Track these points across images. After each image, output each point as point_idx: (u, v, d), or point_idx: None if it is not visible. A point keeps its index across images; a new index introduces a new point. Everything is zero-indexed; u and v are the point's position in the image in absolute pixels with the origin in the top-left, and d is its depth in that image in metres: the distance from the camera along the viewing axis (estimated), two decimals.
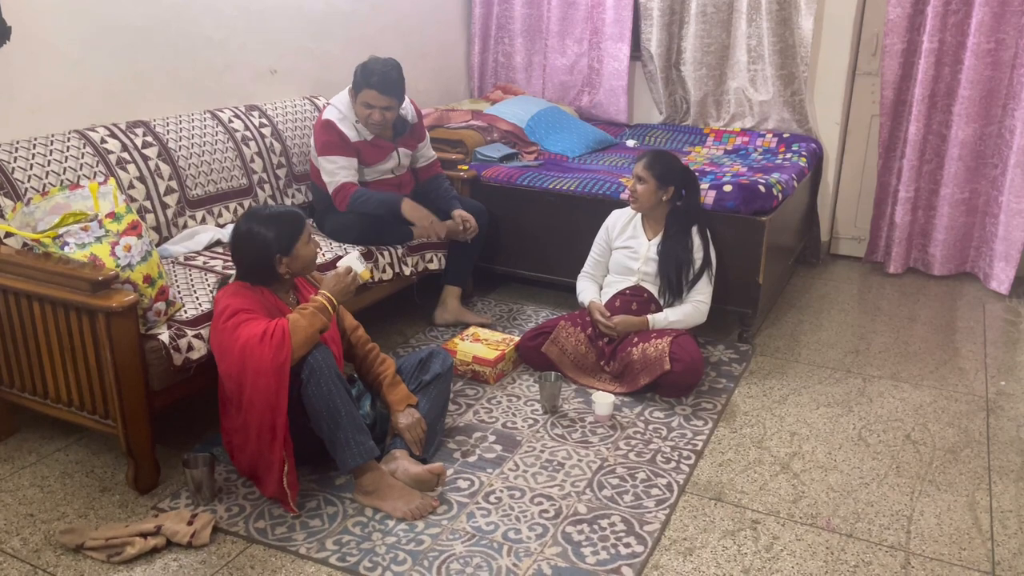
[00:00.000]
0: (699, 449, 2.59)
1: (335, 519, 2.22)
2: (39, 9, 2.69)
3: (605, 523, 2.21)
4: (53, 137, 2.71)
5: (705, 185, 3.28)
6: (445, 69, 4.84)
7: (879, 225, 4.31)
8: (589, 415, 2.78)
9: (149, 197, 2.89)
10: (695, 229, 3.03)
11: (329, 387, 2.18)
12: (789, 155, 4.01)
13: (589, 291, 3.14)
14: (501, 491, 2.35)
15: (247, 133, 3.31)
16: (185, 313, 2.42)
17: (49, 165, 2.64)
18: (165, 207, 2.94)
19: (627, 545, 2.13)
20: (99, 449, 2.56)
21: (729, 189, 3.24)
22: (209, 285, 2.62)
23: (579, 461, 2.51)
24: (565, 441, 2.62)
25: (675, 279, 3.00)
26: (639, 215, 3.10)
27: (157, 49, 3.10)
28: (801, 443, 2.65)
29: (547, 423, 2.73)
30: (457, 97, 4.97)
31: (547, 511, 2.26)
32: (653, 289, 3.04)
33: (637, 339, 2.93)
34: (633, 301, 3.03)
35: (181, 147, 3.04)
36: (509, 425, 2.72)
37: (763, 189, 3.24)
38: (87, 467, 2.47)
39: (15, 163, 2.56)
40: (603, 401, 2.72)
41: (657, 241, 3.04)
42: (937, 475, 2.48)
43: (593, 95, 4.76)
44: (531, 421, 2.75)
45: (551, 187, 3.55)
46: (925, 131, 4.03)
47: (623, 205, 3.22)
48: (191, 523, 2.14)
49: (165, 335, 2.30)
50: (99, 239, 2.25)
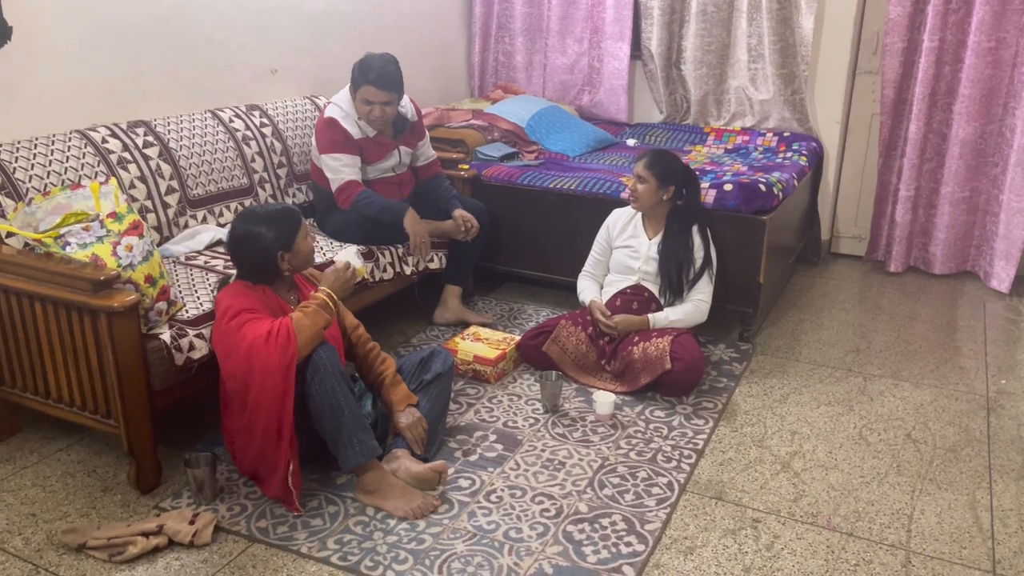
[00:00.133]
0: (700, 448, 2.59)
1: (336, 518, 2.22)
2: (40, 9, 2.69)
3: (606, 522, 2.22)
4: (54, 137, 2.71)
5: (705, 184, 3.28)
6: (445, 68, 4.84)
7: (880, 224, 4.31)
8: (590, 414, 2.78)
9: (150, 197, 2.89)
10: (696, 228, 3.03)
11: (333, 385, 2.18)
12: (790, 154, 4.01)
13: (590, 290, 3.14)
14: (502, 490, 2.35)
15: (248, 133, 3.31)
16: (186, 313, 2.43)
17: (50, 165, 2.64)
18: (166, 207, 2.94)
19: (628, 544, 2.13)
20: (101, 449, 2.56)
21: (730, 188, 3.24)
22: (210, 285, 2.62)
23: (580, 460, 2.51)
24: (566, 440, 2.63)
25: (676, 278, 3.00)
26: (640, 214, 3.10)
27: (158, 49, 3.10)
28: (802, 442, 2.65)
29: (548, 422, 2.74)
30: (457, 96, 4.97)
31: (548, 510, 2.27)
32: (654, 288, 3.04)
33: (638, 338, 2.93)
34: (634, 300, 3.04)
35: (182, 147, 3.04)
36: (510, 424, 2.72)
37: (764, 188, 3.24)
38: (89, 467, 2.47)
39: (16, 163, 2.56)
40: (604, 400, 2.73)
41: (658, 240, 3.05)
42: (938, 474, 2.48)
43: (593, 94, 4.75)
44: (532, 420, 2.75)
45: (552, 186, 3.55)
46: (926, 130, 4.03)
47: (624, 204, 3.22)
48: (193, 522, 2.14)
49: (167, 335, 2.30)
50: (100, 239, 2.25)
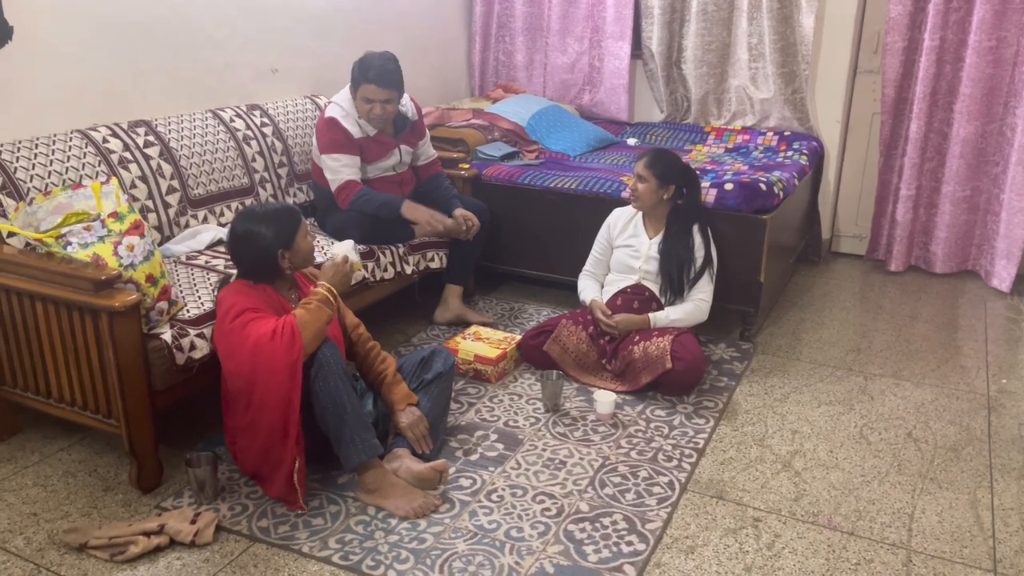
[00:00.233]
0: (701, 447, 2.59)
1: (338, 518, 2.23)
2: (40, 9, 2.69)
3: (607, 521, 2.22)
4: (55, 137, 2.71)
5: (706, 183, 3.28)
6: (446, 67, 4.84)
7: (880, 223, 4.31)
8: (591, 413, 2.78)
9: (151, 196, 2.89)
10: (696, 227, 3.03)
11: (337, 383, 2.19)
12: (790, 153, 4.01)
13: (590, 290, 3.14)
14: (503, 489, 2.35)
15: (248, 132, 3.31)
16: (187, 312, 2.43)
17: (51, 165, 2.64)
18: (167, 206, 2.94)
19: (629, 543, 2.13)
20: (102, 448, 2.56)
21: (730, 187, 3.24)
22: (211, 284, 2.62)
23: (581, 459, 2.51)
24: (567, 439, 2.63)
25: (676, 277, 3.00)
26: (640, 213, 3.10)
27: (158, 48, 3.10)
28: (803, 441, 2.65)
29: (549, 421, 2.74)
30: (458, 95, 4.97)
31: (549, 509, 2.27)
32: (654, 287, 3.04)
33: (639, 337, 2.93)
34: (634, 299, 3.04)
35: (183, 146, 3.04)
36: (511, 424, 2.72)
37: (764, 187, 3.24)
38: (90, 466, 2.48)
39: (17, 163, 2.56)
40: (605, 399, 2.73)
41: (658, 239, 3.04)
42: (939, 473, 2.48)
43: (594, 93, 4.75)
44: (533, 420, 2.75)
45: (552, 186, 3.55)
46: (926, 129, 4.03)
47: (624, 204, 3.22)
48: (194, 522, 2.14)
49: (168, 334, 2.31)
50: (102, 239, 2.25)
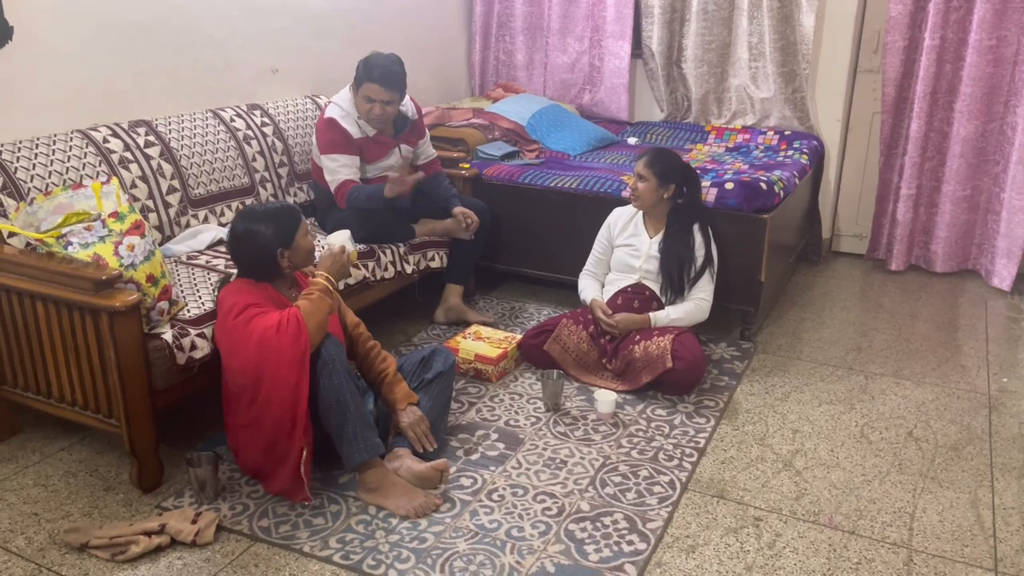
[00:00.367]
0: (701, 447, 2.59)
1: (338, 517, 2.23)
2: (40, 9, 2.69)
3: (608, 521, 2.22)
4: (55, 137, 2.71)
5: (706, 183, 3.28)
6: (446, 67, 4.84)
7: (881, 222, 4.31)
8: (591, 413, 2.78)
9: (151, 196, 2.89)
10: (696, 227, 3.03)
11: (340, 381, 2.19)
12: (790, 152, 4.01)
13: (591, 289, 3.14)
14: (504, 489, 2.36)
15: (249, 132, 3.31)
16: (188, 312, 2.43)
17: (52, 165, 2.64)
18: (167, 206, 2.94)
19: (630, 543, 2.13)
20: (103, 448, 2.56)
21: (731, 187, 3.24)
22: (211, 284, 2.62)
23: (582, 459, 2.51)
24: (567, 439, 2.63)
25: (677, 277, 3.00)
26: (640, 213, 3.10)
27: (158, 48, 3.10)
28: (803, 440, 2.65)
29: (549, 421, 2.74)
30: (458, 95, 4.97)
31: (550, 509, 2.27)
32: (655, 287, 3.04)
33: (639, 337, 2.93)
34: (635, 299, 3.04)
35: (183, 146, 3.04)
36: (511, 423, 2.72)
37: (764, 187, 3.24)
38: (91, 466, 2.48)
39: (18, 163, 2.56)
40: (605, 399, 2.73)
41: (659, 239, 3.04)
42: (939, 472, 2.48)
43: (594, 93, 4.75)
44: (533, 419, 2.75)
45: (552, 185, 3.55)
46: (927, 128, 4.03)
47: (624, 203, 3.22)
48: (195, 521, 2.14)
49: (168, 334, 2.31)
50: (102, 239, 2.25)
